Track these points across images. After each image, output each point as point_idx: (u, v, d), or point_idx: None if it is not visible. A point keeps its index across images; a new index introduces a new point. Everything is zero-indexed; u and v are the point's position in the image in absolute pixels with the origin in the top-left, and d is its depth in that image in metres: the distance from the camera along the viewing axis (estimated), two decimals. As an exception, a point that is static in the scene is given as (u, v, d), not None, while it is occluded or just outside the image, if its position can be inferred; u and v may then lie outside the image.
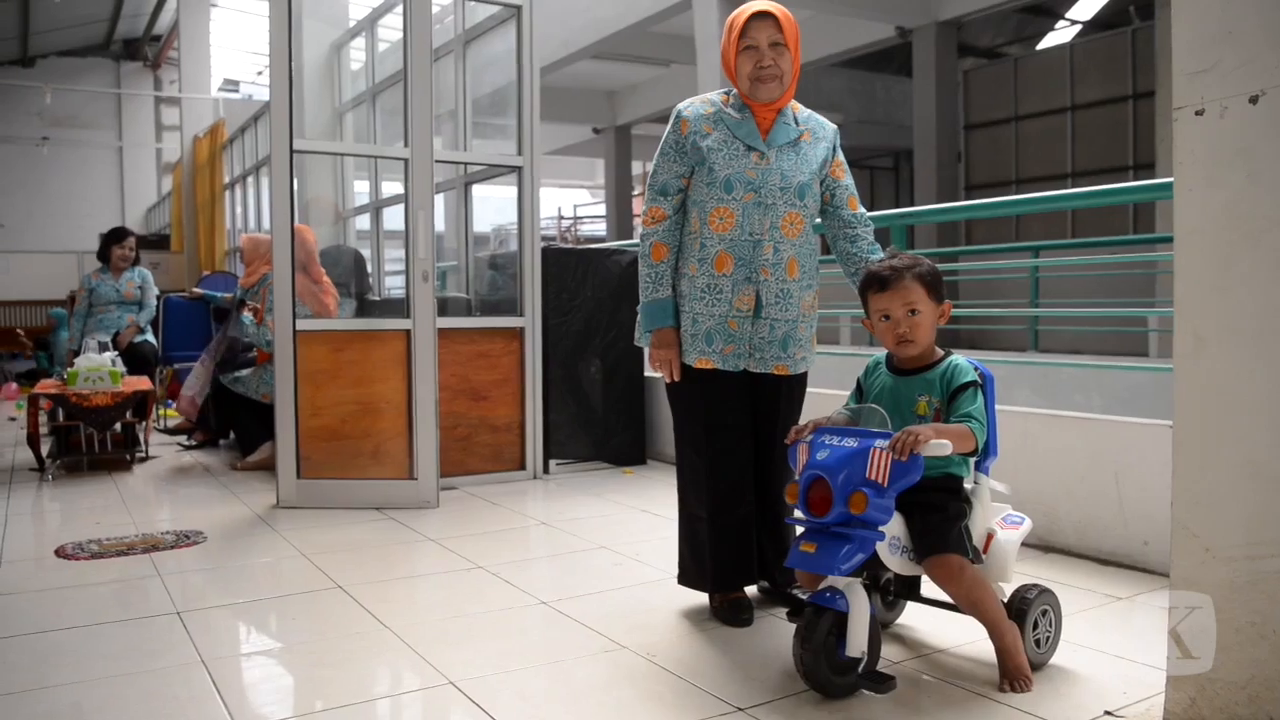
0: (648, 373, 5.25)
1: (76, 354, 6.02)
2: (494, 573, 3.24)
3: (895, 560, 2.18)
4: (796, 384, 2.77)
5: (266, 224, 9.67)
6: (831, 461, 2.13)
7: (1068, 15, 15.59)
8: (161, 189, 18.88)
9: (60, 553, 3.56)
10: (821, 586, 2.14)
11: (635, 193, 18.02)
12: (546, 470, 4.95)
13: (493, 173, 5.71)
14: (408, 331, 4.27)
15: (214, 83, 14.77)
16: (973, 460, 2.32)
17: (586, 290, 5.08)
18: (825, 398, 3.09)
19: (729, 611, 2.69)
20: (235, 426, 5.57)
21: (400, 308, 4.65)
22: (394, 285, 7.97)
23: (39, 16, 15.82)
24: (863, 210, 2.77)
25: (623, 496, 4.47)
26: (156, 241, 14.36)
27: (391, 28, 7.45)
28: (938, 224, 11.40)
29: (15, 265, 13.82)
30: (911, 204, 13.40)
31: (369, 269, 6.64)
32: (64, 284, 12.54)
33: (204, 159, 12.25)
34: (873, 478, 2.08)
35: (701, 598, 2.82)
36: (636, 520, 4.03)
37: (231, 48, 17.58)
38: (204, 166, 12.22)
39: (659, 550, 3.45)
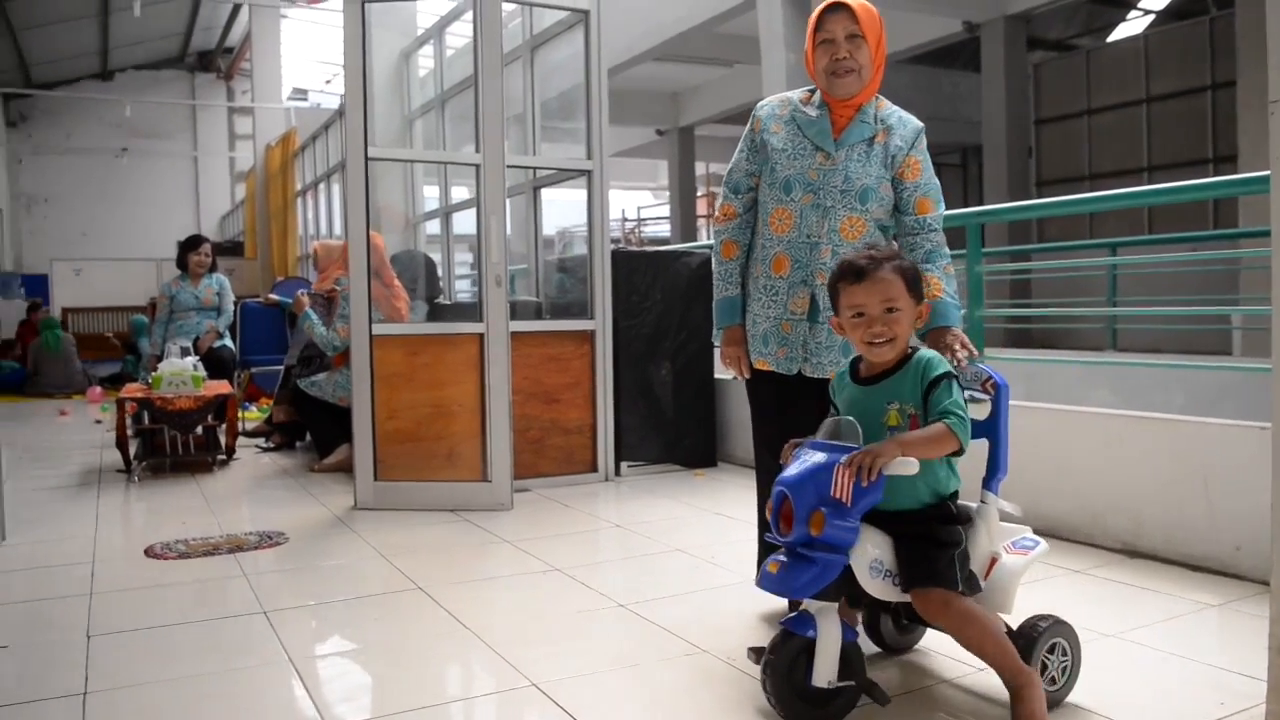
0: (718, 374, 5.24)
1: (159, 359, 6.19)
2: (570, 575, 3.26)
3: (876, 585, 2.02)
4: None
5: (338, 230, 9.86)
6: (797, 478, 2.01)
7: (1140, 5, 15.23)
8: (235, 197, 19.34)
9: (150, 552, 3.66)
10: (799, 610, 2.04)
11: (700, 194, 18.00)
12: (618, 472, 4.96)
13: (561, 177, 5.75)
14: (481, 335, 4.32)
15: (284, 92, 15.09)
16: (963, 470, 2.16)
17: (656, 293, 5.09)
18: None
19: None
20: (311, 429, 5.68)
21: (472, 311, 4.71)
22: (463, 289, 8.06)
23: (118, 31, 16.33)
24: (935, 214, 2.62)
25: (695, 499, 4.47)
26: (231, 248, 14.71)
27: (458, 35, 7.55)
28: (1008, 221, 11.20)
29: (97, 273, 14.28)
30: (981, 201, 13.18)
31: (439, 273, 6.72)
32: (143, 290, 12.92)
33: (276, 167, 12.51)
34: (837, 496, 1.94)
35: (780, 602, 2.79)
36: (709, 523, 4.03)
37: (300, 57, 17.93)
38: (276, 174, 12.48)
39: (734, 553, 3.44)
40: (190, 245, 7.12)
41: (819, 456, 2.02)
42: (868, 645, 2.48)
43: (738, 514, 4.07)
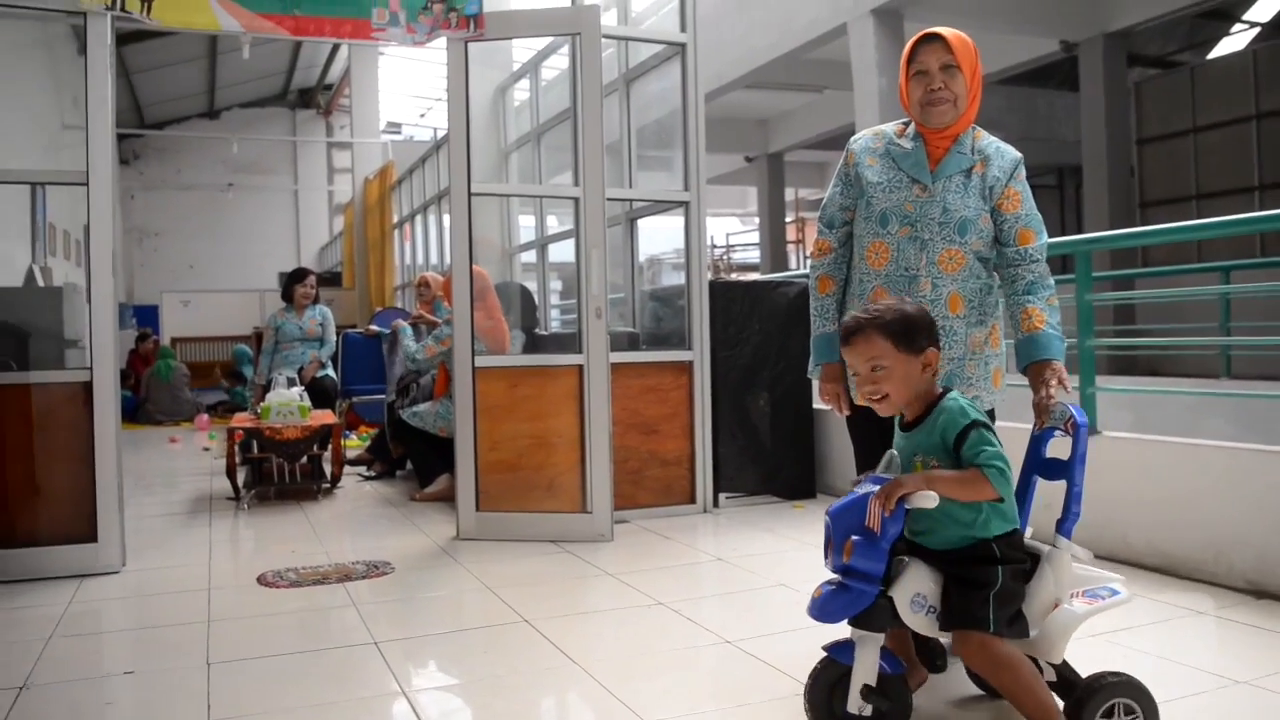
0: (816, 405, 5.19)
1: (265, 389, 6.38)
2: (675, 609, 3.25)
3: (918, 620, 2.07)
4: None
5: (434, 260, 10.06)
6: (838, 509, 2.11)
7: (1245, 18, 14.73)
8: (333, 229, 19.91)
9: (262, 580, 3.75)
10: (846, 638, 2.13)
11: (789, 220, 17.91)
12: (716, 504, 4.93)
13: (658, 208, 5.77)
14: (580, 367, 4.35)
15: (379, 126, 15.50)
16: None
17: (754, 323, 5.07)
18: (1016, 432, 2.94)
19: (920, 656, 2.61)
20: (413, 458, 5.78)
21: (571, 342, 4.75)
22: (557, 318, 8.14)
23: (225, 72, 17.02)
24: (1036, 245, 2.54)
25: (795, 532, 4.42)
26: (329, 279, 15.11)
27: (552, 66, 7.68)
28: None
29: (204, 303, 14.81)
30: (1080, 222, 12.84)
31: (535, 303, 6.80)
32: (247, 320, 13.34)
33: (374, 200, 12.84)
34: (869, 526, 2.03)
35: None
36: (811, 557, 3.97)
37: (394, 92, 18.41)
38: (374, 207, 12.81)
39: (839, 588, 3.38)
40: (296, 278, 7.32)
41: (863, 489, 2.10)
42: (967, 687, 2.42)
43: (840, 547, 4.01)
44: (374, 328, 8.25)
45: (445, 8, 4.30)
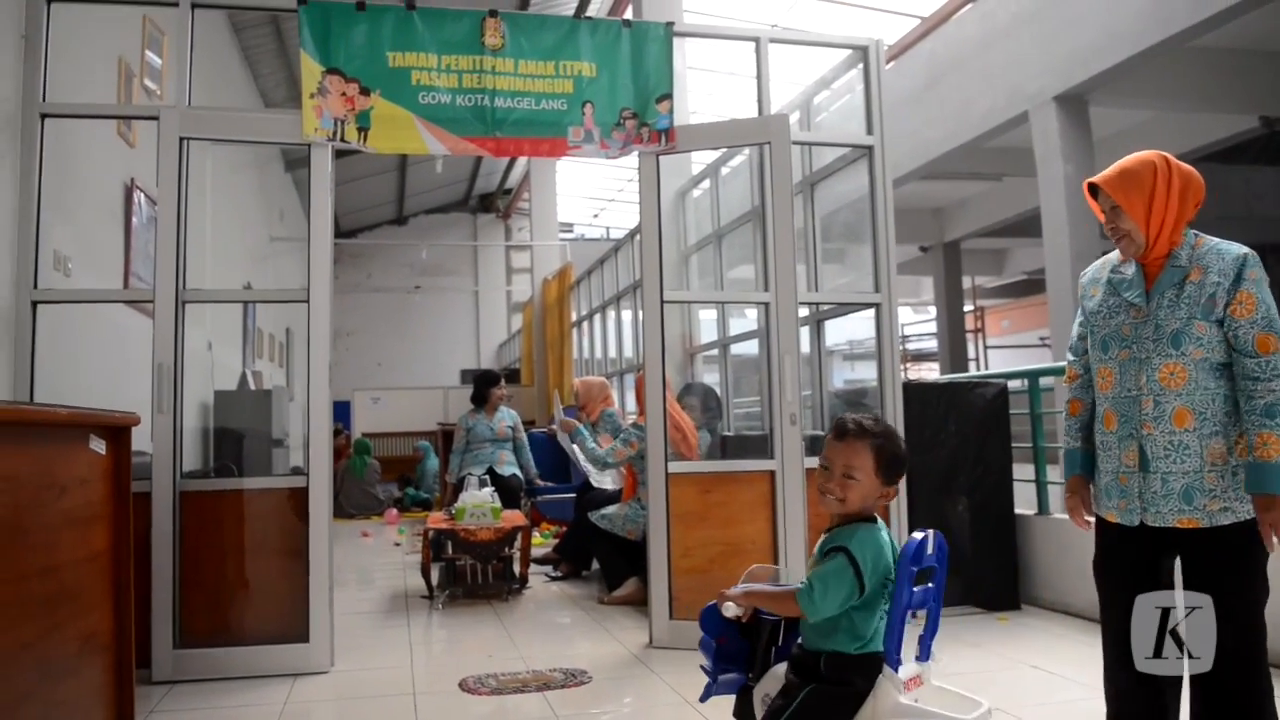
0: (1019, 510, 4.95)
1: (457, 489, 6.57)
2: (886, 734, 3.09)
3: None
4: (1221, 537, 2.40)
5: (613, 355, 10.25)
6: (706, 608, 2.31)
7: None
8: (511, 327, 20.65)
9: (464, 686, 3.80)
10: None
11: (967, 309, 17.42)
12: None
13: (843, 310, 5.71)
14: (773, 473, 4.30)
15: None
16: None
17: (950, 425, 4.91)
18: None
19: None
20: (601, 561, 5.81)
21: (760, 446, 4.70)
22: (739, 411, 8.11)
23: (413, 181, 18.13)
24: (1276, 354, 2.35)
25: (1003, 648, 4.17)
26: (508, 376, 15.61)
27: (728, 165, 7.81)
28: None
29: (391, 400, 15.50)
30: (1291, 307, 11.94)
31: (719, 397, 6.79)
32: (431, 416, 13.88)
33: (552, 299, 13.25)
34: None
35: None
36: (1027, 677, 3.74)
37: (568, 194, 19.11)
38: (553, 306, 13.21)
39: (1064, 716, 3.16)
40: (491, 381, 7.58)
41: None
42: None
43: (1056, 668, 3.76)
44: (556, 427, 8.42)
45: (637, 124, 4.44)
